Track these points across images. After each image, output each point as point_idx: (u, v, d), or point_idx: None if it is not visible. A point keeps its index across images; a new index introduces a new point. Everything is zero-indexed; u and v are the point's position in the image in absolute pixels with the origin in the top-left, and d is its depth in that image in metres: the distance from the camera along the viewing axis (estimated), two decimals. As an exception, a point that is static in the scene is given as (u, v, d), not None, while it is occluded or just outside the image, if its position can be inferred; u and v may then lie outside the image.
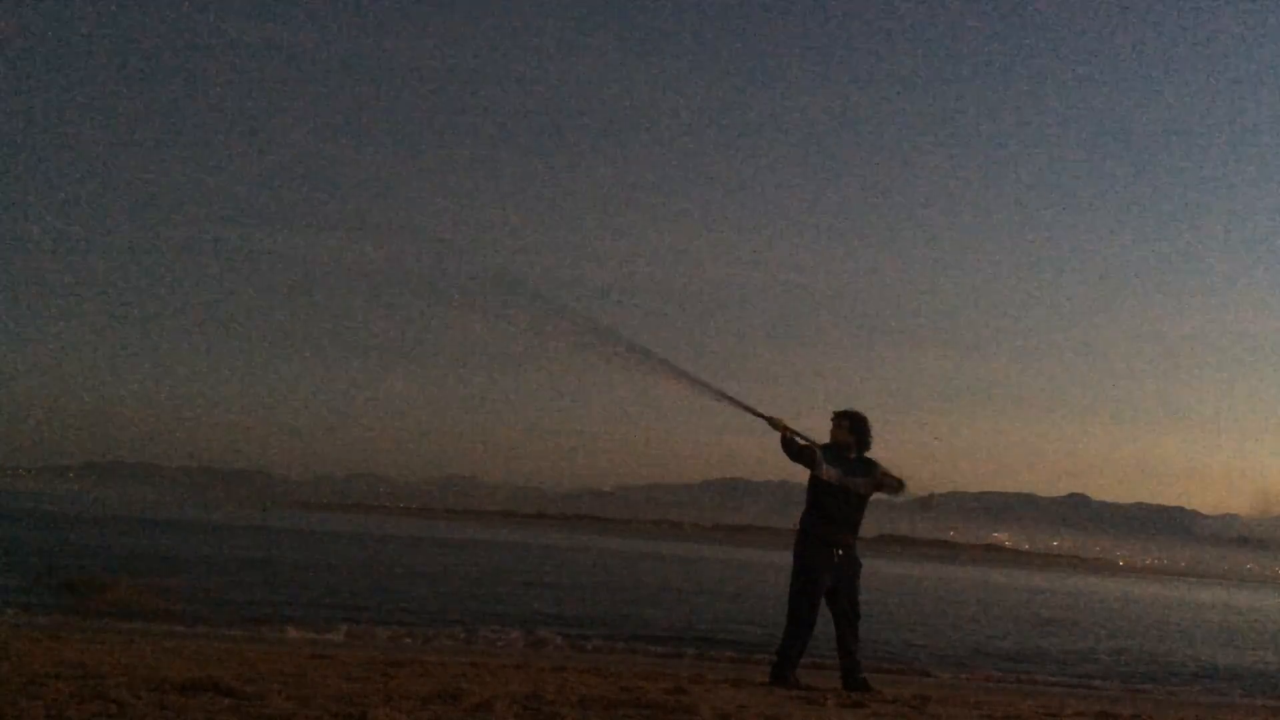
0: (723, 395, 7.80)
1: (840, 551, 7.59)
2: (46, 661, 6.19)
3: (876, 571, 54.44)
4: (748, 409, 7.74)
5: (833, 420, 7.83)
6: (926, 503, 7.87)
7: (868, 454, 7.81)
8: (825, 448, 7.70)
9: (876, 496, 7.85)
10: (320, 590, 19.13)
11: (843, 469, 7.64)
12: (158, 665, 6.38)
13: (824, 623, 7.56)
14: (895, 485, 7.70)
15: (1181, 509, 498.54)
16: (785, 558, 7.83)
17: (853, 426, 7.77)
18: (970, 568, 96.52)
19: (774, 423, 7.66)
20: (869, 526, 8.24)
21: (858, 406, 7.90)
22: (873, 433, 7.81)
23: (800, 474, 7.71)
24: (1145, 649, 18.97)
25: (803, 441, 7.65)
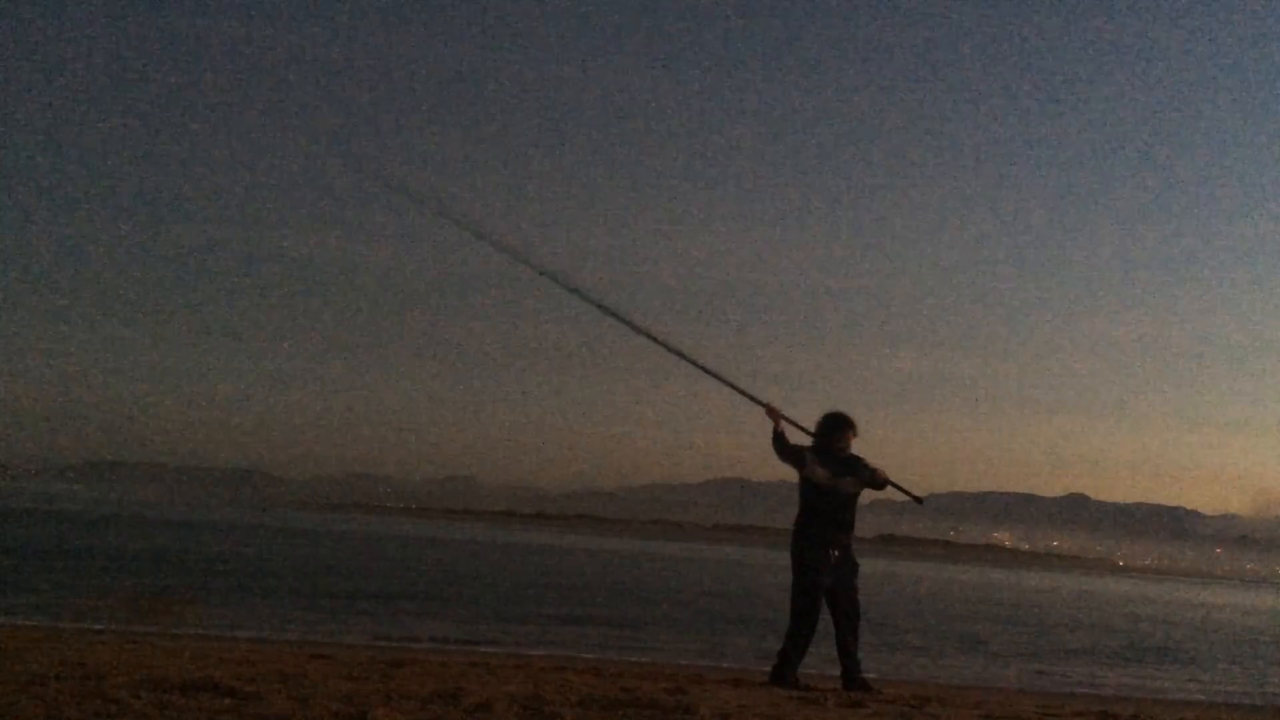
0: (719, 377, 7.79)
1: (837, 552, 7.57)
2: (46, 661, 6.18)
3: (876, 571, 54.46)
4: (743, 393, 7.73)
5: (815, 432, 7.78)
6: (917, 500, 7.88)
7: (853, 451, 7.76)
8: (813, 448, 7.67)
9: (876, 496, 7.84)
10: (321, 590, 19.13)
11: (831, 469, 7.60)
12: (158, 665, 6.37)
13: (824, 623, 7.55)
14: (881, 481, 7.68)
15: (1181, 509, 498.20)
16: (785, 557, 7.82)
17: (833, 429, 7.74)
18: (970, 568, 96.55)
19: (770, 411, 7.64)
20: (868, 527, 8.23)
21: (841, 407, 7.86)
22: (856, 426, 7.75)
23: (796, 473, 7.69)
24: (1144, 649, 18.96)
25: (793, 442, 7.63)
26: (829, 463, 7.59)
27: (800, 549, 7.61)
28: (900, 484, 7.71)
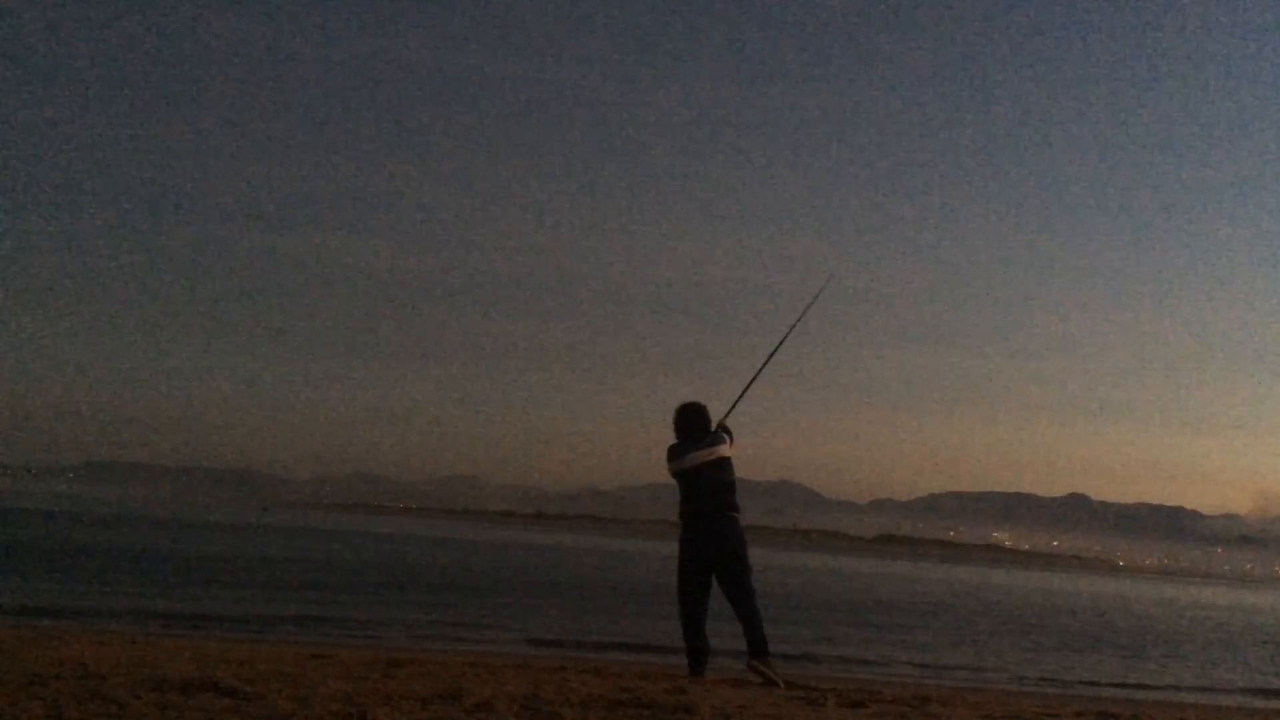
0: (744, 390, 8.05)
1: (712, 534, 7.79)
2: (46, 661, 6.18)
3: (877, 571, 54.41)
4: (728, 413, 7.96)
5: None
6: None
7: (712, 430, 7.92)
8: (674, 445, 7.89)
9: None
10: (321, 590, 19.12)
11: (683, 456, 7.82)
12: (158, 665, 6.37)
13: (829, 621, 7.54)
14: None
15: (1181, 509, 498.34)
16: (783, 557, 7.86)
17: (680, 423, 7.91)
18: (970, 568, 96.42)
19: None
20: (869, 526, 8.25)
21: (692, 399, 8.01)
22: (697, 413, 7.87)
23: (799, 474, 7.77)
24: (1146, 650, 18.97)
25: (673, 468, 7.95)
26: (685, 449, 7.88)
27: (681, 539, 8.08)
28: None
